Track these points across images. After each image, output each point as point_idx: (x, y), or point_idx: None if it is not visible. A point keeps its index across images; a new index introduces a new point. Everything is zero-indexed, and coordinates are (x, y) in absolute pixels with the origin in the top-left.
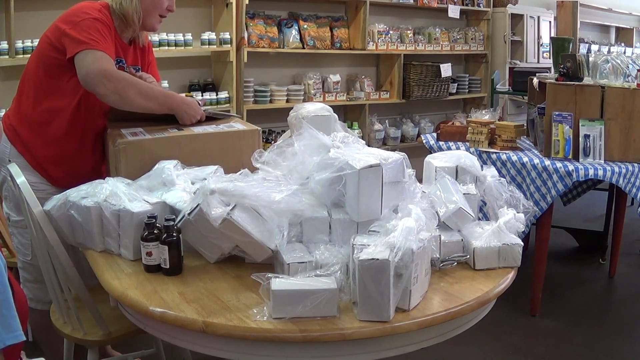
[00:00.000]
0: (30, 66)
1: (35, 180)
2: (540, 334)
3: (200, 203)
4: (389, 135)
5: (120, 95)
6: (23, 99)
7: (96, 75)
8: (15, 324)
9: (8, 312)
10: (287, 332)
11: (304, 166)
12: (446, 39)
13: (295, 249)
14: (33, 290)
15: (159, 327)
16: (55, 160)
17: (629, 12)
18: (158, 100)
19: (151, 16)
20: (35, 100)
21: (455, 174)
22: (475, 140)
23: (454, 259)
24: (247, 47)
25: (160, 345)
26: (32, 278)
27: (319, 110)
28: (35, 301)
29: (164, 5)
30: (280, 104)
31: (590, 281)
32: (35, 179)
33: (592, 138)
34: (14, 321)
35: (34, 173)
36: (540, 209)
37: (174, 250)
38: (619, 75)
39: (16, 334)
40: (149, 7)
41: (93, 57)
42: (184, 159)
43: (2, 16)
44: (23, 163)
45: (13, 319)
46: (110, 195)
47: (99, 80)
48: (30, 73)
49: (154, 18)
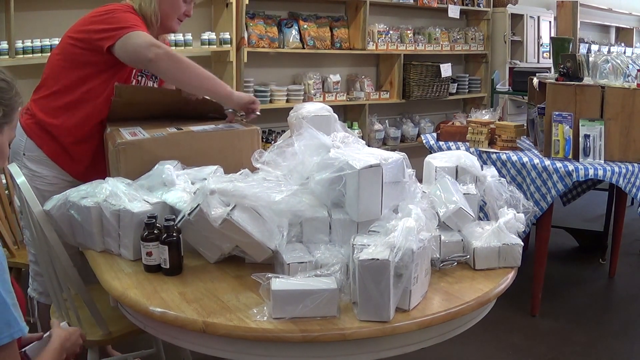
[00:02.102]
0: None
1: (50, 174)
2: (540, 334)
3: (200, 203)
4: (389, 135)
5: (174, 61)
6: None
7: (146, 45)
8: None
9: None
10: (287, 332)
11: (304, 166)
12: (446, 39)
13: (295, 249)
14: (42, 284)
15: (159, 327)
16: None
17: (629, 12)
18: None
19: (170, 19)
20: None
21: (455, 174)
22: (475, 140)
23: (454, 259)
24: (247, 47)
25: (160, 345)
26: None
27: (319, 110)
28: (45, 295)
29: (182, 9)
30: (280, 104)
31: (590, 281)
32: (51, 173)
33: (592, 138)
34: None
35: (52, 165)
36: (540, 209)
37: (174, 250)
38: (619, 75)
39: (22, 326)
40: (167, 10)
41: (136, 35)
42: (184, 159)
43: (2, 16)
44: (40, 156)
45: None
46: (110, 195)
47: (149, 49)
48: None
49: (173, 21)
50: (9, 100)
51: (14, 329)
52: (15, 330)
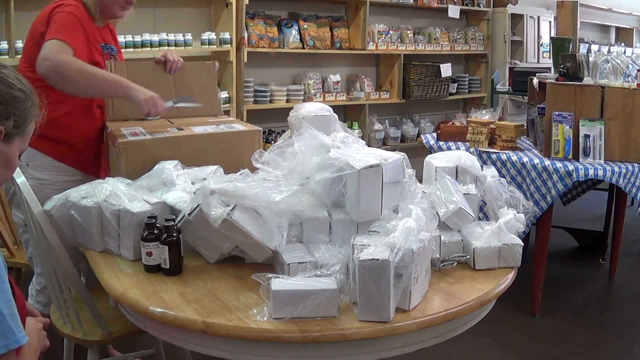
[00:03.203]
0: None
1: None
2: (540, 334)
3: (200, 203)
4: (389, 135)
5: (61, 75)
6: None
7: (42, 58)
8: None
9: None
10: (287, 332)
11: (304, 166)
12: (446, 39)
13: (296, 249)
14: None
15: (159, 327)
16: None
17: (629, 12)
18: (105, 79)
19: (108, 8)
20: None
21: (455, 174)
22: (475, 140)
23: (454, 259)
24: (247, 47)
25: (160, 345)
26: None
27: (319, 110)
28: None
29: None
30: (280, 104)
31: (590, 281)
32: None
33: (592, 138)
34: (19, 321)
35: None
36: (540, 209)
37: (174, 251)
38: (619, 75)
39: (23, 334)
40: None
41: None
42: (184, 159)
43: (2, 16)
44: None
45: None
46: (110, 195)
47: (41, 63)
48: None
49: (113, 9)
50: (23, 111)
51: (9, 339)
52: (11, 341)
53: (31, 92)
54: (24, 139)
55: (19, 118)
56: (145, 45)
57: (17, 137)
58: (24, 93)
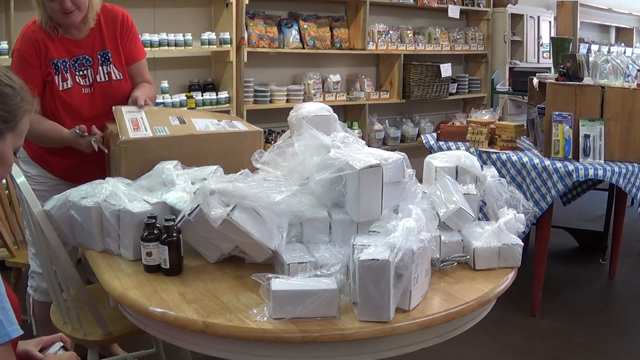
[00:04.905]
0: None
1: (36, 173)
2: (540, 334)
3: (200, 203)
4: (389, 135)
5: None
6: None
7: None
8: (13, 316)
9: (7, 304)
10: (287, 332)
11: (304, 166)
12: (446, 39)
13: (296, 249)
14: (38, 280)
15: (159, 327)
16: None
17: (629, 12)
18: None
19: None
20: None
21: (455, 174)
22: (475, 140)
23: (454, 259)
24: (247, 47)
25: (160, 345)
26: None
27: (319, 110)
28: (40, 292)
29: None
30: (280, 104)
31: (590, 281)
32: (36, 172)
33: (592, 138)
34: (12, 314)
35: (34, 165)
36: (540, 209)
37: (174, 251)
38: (619, 75)
39: (17, 327)
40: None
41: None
42: (184, 159)
43: (2, 16)
44: (26, 157)
45: (11, 311)
46: (110, 195)
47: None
48: None
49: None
50: (12, 107)
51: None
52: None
53: (21, 87)
54: (17, 135)
55: (7, 114)
56: (145, 45)
57: (9, 133)
58: (12, 88)
